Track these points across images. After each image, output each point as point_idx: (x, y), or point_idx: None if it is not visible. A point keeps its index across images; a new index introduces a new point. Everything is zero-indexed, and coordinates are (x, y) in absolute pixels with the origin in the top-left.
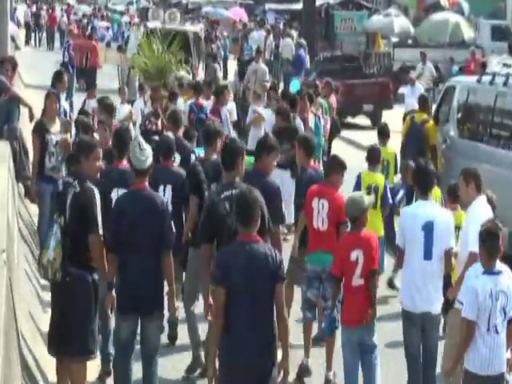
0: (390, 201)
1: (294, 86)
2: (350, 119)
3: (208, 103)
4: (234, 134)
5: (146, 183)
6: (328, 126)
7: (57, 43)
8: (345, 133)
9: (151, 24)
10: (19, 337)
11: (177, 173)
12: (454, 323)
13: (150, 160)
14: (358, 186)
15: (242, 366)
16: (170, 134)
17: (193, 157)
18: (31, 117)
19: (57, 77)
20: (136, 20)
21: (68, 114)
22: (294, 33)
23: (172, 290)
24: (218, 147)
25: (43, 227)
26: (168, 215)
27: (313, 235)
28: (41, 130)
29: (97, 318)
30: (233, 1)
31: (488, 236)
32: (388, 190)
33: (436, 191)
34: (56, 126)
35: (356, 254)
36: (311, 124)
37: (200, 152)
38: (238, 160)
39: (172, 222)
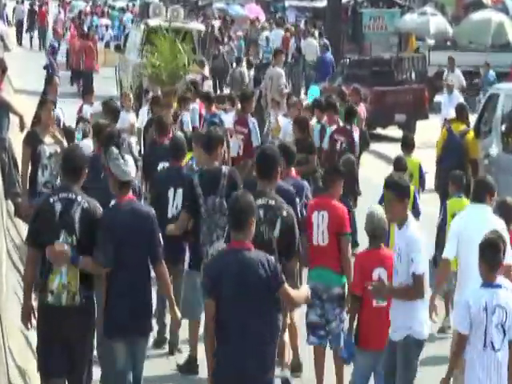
0: (421, 211)
1: (313, 93)
2: (380, 130)
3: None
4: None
5: (131, 194)
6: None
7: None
8: (374, 146)
9: (152, 21)
10: (6, 354)
11: (188, 175)
12: None
13: (133, 172)
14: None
15: (235, 377)
16: (179, 134)
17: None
18: (22, 126)
19: (47, 80)
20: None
21: (62, 122)
22: (317, 32)
23: (172, 301)
24: (219, 155)
25: None
26: (156, 227)
27: (313, 251)
28: (33, 141)
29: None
30: None
31: (487, 247)
32: (418, 200)
33: (463, 202)
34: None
35: (378, 273)
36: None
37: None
38: (275, 169)
39: (160, 234)
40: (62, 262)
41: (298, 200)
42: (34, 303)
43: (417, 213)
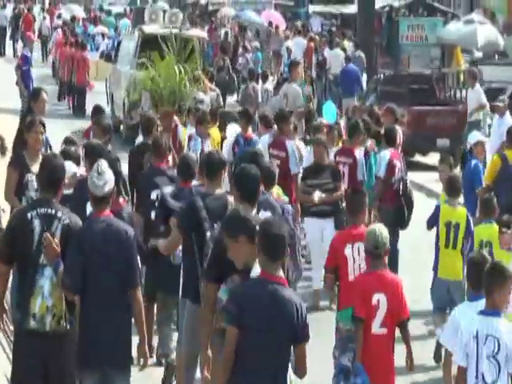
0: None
1: (327, 111)
2: (419, 158)
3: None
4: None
5: (107, 211)
6: None
7: (37, 53)
8: (413, 175)
9: (148, 28)
10: None
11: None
12: None
13: (109, 186)
14: (434, 219)
15: None
16: (192, 155)
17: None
18: (3, 150)
19: (33, 95)
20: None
21: (49, 146)
22: (347, 43)
23: (143, 336)
24: (222, 180)
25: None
26: (134, 249)
27: (347, 288)
28: (21, 166)
29: None
30: (266, 1)
31: (471, 266)
32: (472, 227)
33: (493, 229)
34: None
35: (378, 298)
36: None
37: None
38: (258, 192)
39: (138, 257)
40: (54, 255)
41: None
42: (12, 327)
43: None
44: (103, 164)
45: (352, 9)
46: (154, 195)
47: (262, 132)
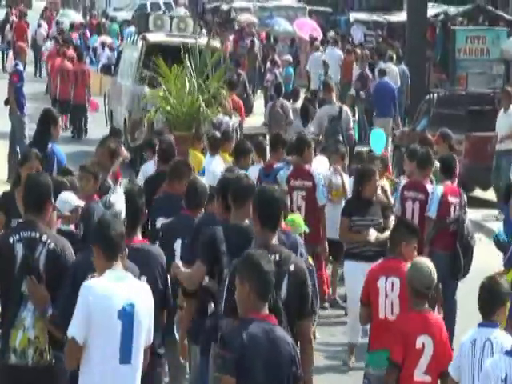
0: None
1: (376, 140)
2: (478, 192)
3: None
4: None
5: None
6: None
7: (30, 68)
8: (472, 213)
9: (153, 36)
10: None
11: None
12: None
13: (120, 219)
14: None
15: None
16: (202, 180)
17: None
18: None
19: (46, 119)
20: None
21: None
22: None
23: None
24: (249, 210)
25: None
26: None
27: (379, 327)
28: (7, 208)
29: None
30: (300, 7)
31: (481, 290)
32: None
33: None
34: None
35: (423, 341)
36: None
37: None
38: (280, 215)
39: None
40: (41, 302)
41: None
42: None
43: None
44: (112, 196)
45: (400, 17)
46: (159, 224)
47: (256, 161)
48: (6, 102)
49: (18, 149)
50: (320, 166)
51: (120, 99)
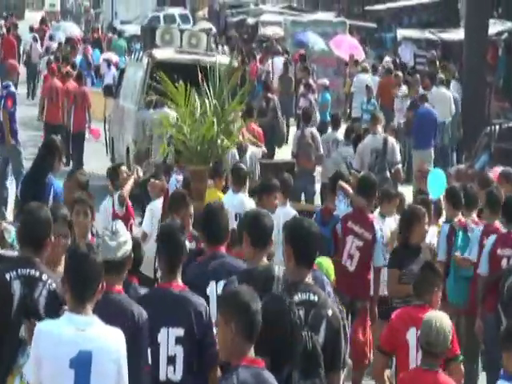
0: None
1: (435, 182)
2: None
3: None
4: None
5: (120, 286)
6: None
7: (22, 88)
8: None
9: (160, 53)
10: None
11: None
12: None
13: (124, 250)
14: None
15: None
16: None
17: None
18: None
19: (50, 150)
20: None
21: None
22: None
23: None
24: (270, 249)
25: None
26: (146, 339)
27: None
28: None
29: None
30: (339, 21)
31: (507, 337)
32: None
33: None
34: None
35: None
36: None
37: None
38: (316, 251)
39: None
40: None
41: None
42: None
43: None
44: (119, 223)
45: (457, 34)
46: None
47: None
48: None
49: (7, 183)
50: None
51: (122, 125)
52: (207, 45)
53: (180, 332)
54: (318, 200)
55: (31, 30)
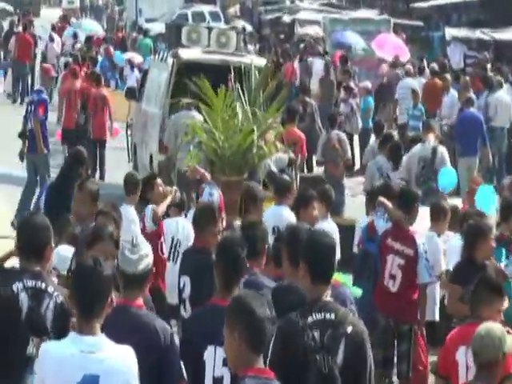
0: None
1: (484, 197)
2: None
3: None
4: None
5: (140, 300)
6: None
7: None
8: None
9: (186, 53)
10: None
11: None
12: None
13: (146, 263)
14: None
15: None
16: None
17: None
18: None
19: (76, 161)
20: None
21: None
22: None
23: None
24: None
25: None
26: (176, 353)
27: None
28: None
29: None
30: (383, 19)
31: None
32: None
33: None
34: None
35: None
36: None
37: None
38: (334, 266)
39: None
40: None
41: None
42: None
43: None
44: (140, 237)
45: (510, 34)
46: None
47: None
48: (22, 135)
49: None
50: (422, 221)
51: (146, 131)
52: (237, 44)
53: None
54: (348, 211)
55: (53, 28)
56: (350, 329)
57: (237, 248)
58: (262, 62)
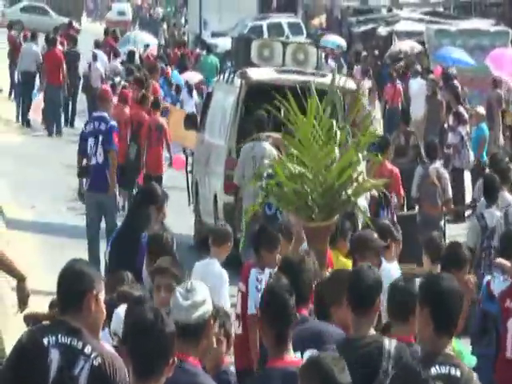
0: None
1: None
2: None
3: None
4: None
5: (196, 357)
6: None
7: (82, 121)
8: None
9: (257, 73)
10: None
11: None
12: None
13: (202, 311)
14: None
15: None
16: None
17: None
18: (23, 302)
19: (149, 201)
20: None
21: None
22: None
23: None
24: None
25: None
26: None
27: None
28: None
29: None
30: (500, 30)
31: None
32: None
33: None
34: None
35: None
36: None
37: None
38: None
39: None
40: None
41: None
42: None
43: None
44: (198, 280)
45: None
46: None
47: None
48: (82, 174)
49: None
50: None
51: (209, 166)
52: (318, 61)
53: None
54: None
55: (96, 45)
56: None
57: (286, 297)
58: (351, 84)
